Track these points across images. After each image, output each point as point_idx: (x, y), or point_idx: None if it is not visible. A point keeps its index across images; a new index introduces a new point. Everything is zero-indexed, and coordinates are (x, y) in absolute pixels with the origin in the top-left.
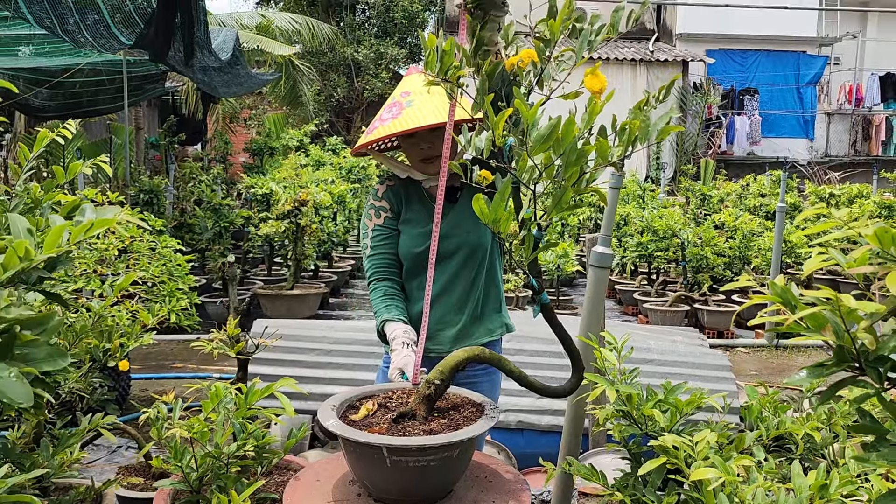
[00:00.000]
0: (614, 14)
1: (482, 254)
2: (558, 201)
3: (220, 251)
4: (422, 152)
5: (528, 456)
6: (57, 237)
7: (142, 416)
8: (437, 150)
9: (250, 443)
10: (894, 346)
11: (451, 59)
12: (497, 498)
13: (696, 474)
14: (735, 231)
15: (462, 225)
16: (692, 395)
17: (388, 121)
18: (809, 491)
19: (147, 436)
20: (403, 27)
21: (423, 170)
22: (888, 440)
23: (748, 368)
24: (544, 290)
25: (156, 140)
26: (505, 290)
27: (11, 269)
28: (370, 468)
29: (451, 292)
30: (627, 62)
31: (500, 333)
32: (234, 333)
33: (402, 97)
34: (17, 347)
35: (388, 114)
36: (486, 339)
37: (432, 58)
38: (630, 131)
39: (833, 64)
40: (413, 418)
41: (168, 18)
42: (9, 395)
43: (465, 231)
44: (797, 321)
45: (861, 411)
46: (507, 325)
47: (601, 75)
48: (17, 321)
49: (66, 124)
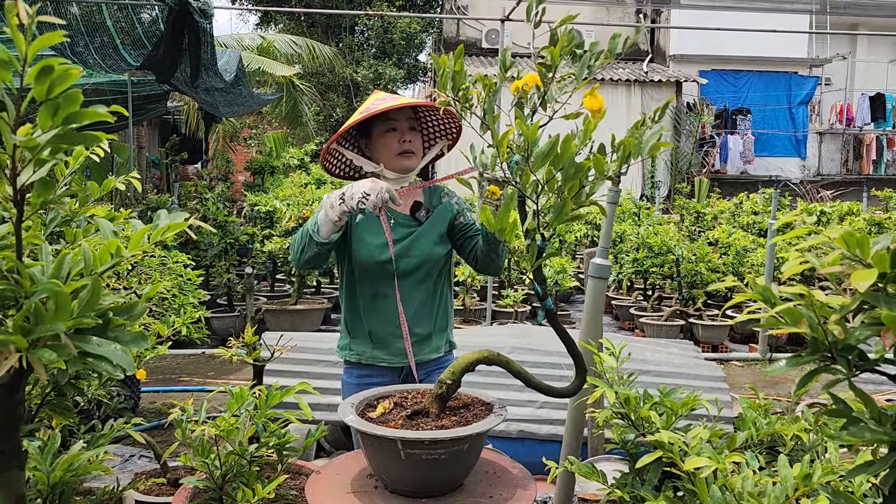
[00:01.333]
0: (612, 41)
1: (438, 271)
2: (559, 212)
3: (225, 267)
4: (401, 146)
5: (529, 465)
6: (140, 238)
7: (168, 419)
8: (415, 146)
9: (272, 441)
10: (859, 336)
11: (461, 79)
12: (505, 490)
13: (690, 463)
14: (729, 247)
15: (426, 241)
16: (687, 397)
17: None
18: (794, 481)
19: (162, 445)
20: (402, 48)
21: (399, 164)
22: (857, 419)
23: (742, 381)
24: (549, 296)
25: (156, 159)
26: (504, 305)
27: (105, 265)
28: (386, 461)
29: (409, 306)
30: (622, 83)
31: (446, 350)
32: (251, 341)
33: (376, 101)
34: (109, 331)
35: (372, 106)
36: (435, 356)
37: (444, 78)
38: (625, 148)
39: (824, 84)
40: (426, 416)
41: (176, 40)
42: (117, 361)
43: (428, 247)
44: (775, 315)
45: (834, 397)
46: (451, 343)
47: (599, 96)
48: (111, 308)
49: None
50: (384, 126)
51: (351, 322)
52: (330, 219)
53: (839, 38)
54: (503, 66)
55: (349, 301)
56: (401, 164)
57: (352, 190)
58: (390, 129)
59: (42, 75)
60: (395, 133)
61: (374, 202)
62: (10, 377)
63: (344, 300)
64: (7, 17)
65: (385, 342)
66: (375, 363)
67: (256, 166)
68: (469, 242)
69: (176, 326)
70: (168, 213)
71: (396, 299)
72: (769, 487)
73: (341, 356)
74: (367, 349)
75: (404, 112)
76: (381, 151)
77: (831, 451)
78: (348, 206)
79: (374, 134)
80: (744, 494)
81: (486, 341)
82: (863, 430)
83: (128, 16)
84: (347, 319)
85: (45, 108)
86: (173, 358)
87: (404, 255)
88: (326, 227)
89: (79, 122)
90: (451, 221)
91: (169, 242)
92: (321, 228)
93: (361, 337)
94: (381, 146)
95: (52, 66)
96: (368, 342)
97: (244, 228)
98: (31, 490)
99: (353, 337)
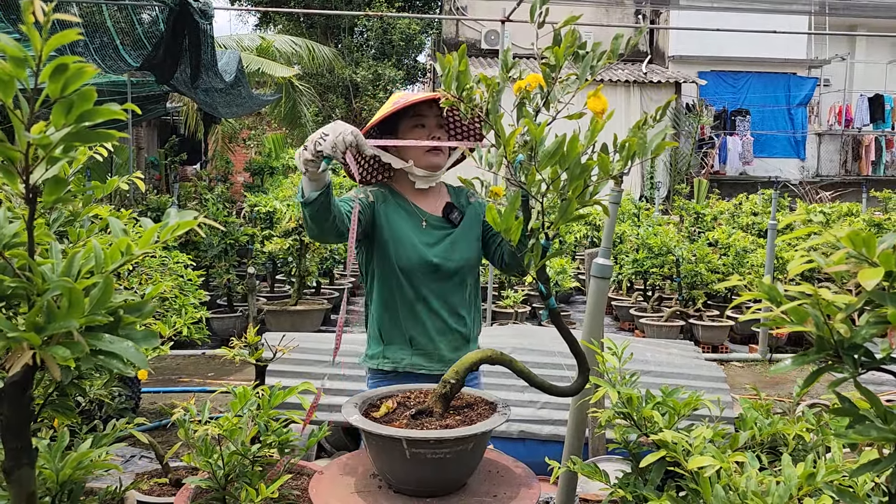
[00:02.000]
0: (614, 41)
1: (474, 274)
2: (564, 212)
3: (224, 268)
4: (432, 141)
5: (530, 465)
6: (150, 236)
7: (169, 419)
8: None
9: (274, 441)
10: (866, 335)
11: (466, 79)
12: (508, 489)
13: (694, 463)
14: (728, 248)
15: (465, 244)
16: (689, 397)
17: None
18: (798, 480)
19: (163, 445)
20: (401, 49)
21: (428, 161)
22: (863, 418)
23: (742, 382)
24: (552, 295)
25: (155, 159)
26: (504, 305)
27: (116, 262)
28: (390, 460)
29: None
30: (621, 84)
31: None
32: (253, 341)
33: (402, 98)
34: (120, 328)
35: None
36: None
37: (449, 77)
38: (629, 147)
39: (823, 85)
40: (430, 415)
41: (176, 41)
42: (130, 358)
43: (468, 251)
44: (782, 314)
45: (840, 396)
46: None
47: (603, 97)
48: (121, 306)
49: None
50: (412, 122)
51: (386, 329)
52: (300, 171)
53: (838, 40)
54: (504, 67)
55: (383, 307)
56: (430, 161)
57: (313, 136)
58: (418, 124)
59: (57, 73)
60: (423, 129)
61: (332, 142)
62: (21, 375)
63: (377, 306)
64: (23, 15)
65: (426, 349)
66: (414, 370)
67: (256, 167)
68: (495, 240)
69: (177, 327)
70: (177, 213)
71: (438, 303)
72: (773, 487)
73: (372, 365)
74: (405, 356)
75: (433, 108)
76: (410, 148)
77: (835, 451)
78: (309, 152)
79: (402, 130)
80: (748, 493)
81: (487, 342)
82: (869, 429)
83: (127, 16)
84: (381, 326)
85: (59, 105)
86: (173, 359)
87: (446, 257)
88: (304, 184)
89: (92, 119)
90: (483, 223)
91: (169, 243)
92: (303, 188)
93: (399, 343)
94: (412, 141)
95: (67, 63)
96: (408, 349)
97: (244, 229)
98: (40, 488)
99: (388, 344)
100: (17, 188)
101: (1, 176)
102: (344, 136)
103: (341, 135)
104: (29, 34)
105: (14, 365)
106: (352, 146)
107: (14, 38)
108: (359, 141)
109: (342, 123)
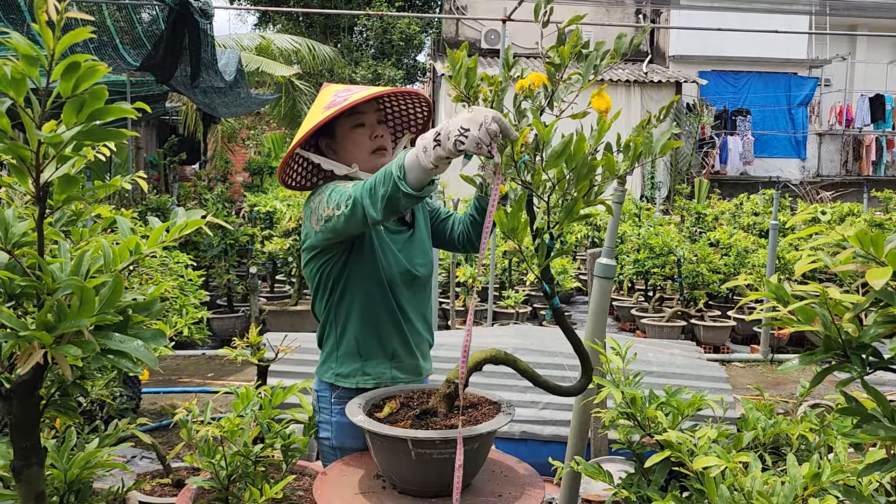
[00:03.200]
0: (617, 41)
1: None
2: (569, 211)
3: (225, 268)
4: (374, 142)
5: (532, 466)
6: (158, 235)
7: (173, 419)
8: (386, 140)
9: (277, 441)
10: (874, 334)
11: (474, 76)
12: (513, 489)
13: (699, 462)
14: (730, 248)
15: (426, 244)
16: (693, 397)
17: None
18: (803, 480)
19: (163, 446)
20: (401, 49)
21: (374, 163)
22: (871, 417)
23: (744, 382)
24: (556, 295)
25: (154, 159)
26: (505, 305)
27: (125, 261)
28: (396, 461)
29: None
30: (622, 83)
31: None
32: (256, 341)
33: (336, 95)
34: (129, 327)
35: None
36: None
37: (459, 74)
38: (635, 147)
39: (823, 85)
40: (434, 415)
41: (176, 40)
42: (140, 357)
43: (430, 251)
44: (789, 314)
45: (846, 396)
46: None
47: (606, 96)
48: (130, 305)
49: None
50: (350, 121)
51: (366, 344)
52: (422, 165)
53: (839, 39)
54: (506, 66)
55: (362, 322)
56: (376, 164)
57: (448, 127)
58: (357, 124)
59: (69, 72)
60: (363, 129)
61: (477, 139)
62: (31, 374)
63: (355, 321)
64: (36, 14)
65: (404, 361)
66: (392, 384)
67: (255, 167)
68: (445, 225)
69: (178, 327)
70: (184, 212)
71: (413, 313)
72: (778, 486)
73: (347, 384)
74: (386, 370)
75: (371, 104)
76: (352, 151)
77: (840, 451)
78: (445, 148)
79: (340, 132)
80: (753, 493)
81: (488, 342)
82: (877, 428)
83: (127, 16)
84: (359, 342)
85: (70, 103)
86: (173, 359)
87: (415, 263)
88: (416, 173)
89: (103, 118)
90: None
91: (171, 243)
92: (408, 173)
93: (379, 357)
94: (351, 145)
95: (79, 62)
96: (388, 363)
97: (244, 229)
98: (47, 487)
99: (367, 359)
100: (28, 187)
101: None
102: (488, 128)
103: (483, 126)
104: (42, 33)
105: (25, 364)
106: (497, 137)
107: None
108: (503, 126)
109: (481, 110)
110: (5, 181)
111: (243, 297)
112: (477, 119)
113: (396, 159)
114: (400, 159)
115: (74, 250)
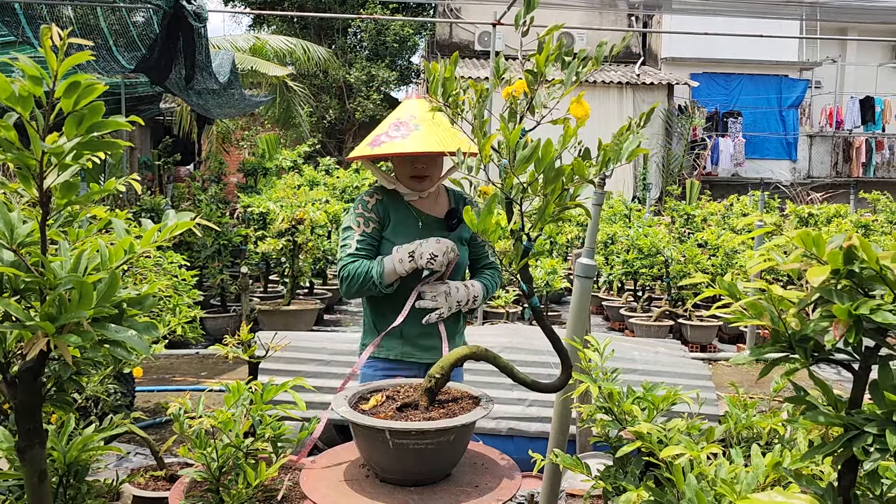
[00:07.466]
0: (598, 48)
1: (461, 275)
2: (542, 213)
3: (218, 268)
4: (415, 170)
5: (519, 462)
6: (151, 235)
7: (164, 417)
8: (428, 170)
9: (268, 433)
10: (814, 328)
11: (452, 86)
12: (491, 480)
13: (666, 452)
14: (717, 249)
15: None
16: (667, 392)
17: (398, 139)
18: (765, 468)
19: (158, 443)
20: (395, 50)
21: (411, 186)
22: (813, 405)
23: (729, 380)
24: (534, 294)
25: (148, 160)
26: (495, 305)
27: (120, 259)
28: (375, 450)
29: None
30: (614, 85)
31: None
32: (247, 339)
33: (410, 119)
34: (124, 320)
35: (395, 132)
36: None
37: (435, 85)
38: (605, 153)
39: (814, 87)
40: (416, 408)
41: (171, 42)
42: (135, 346)
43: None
44: (741, 308)
45: (794, 385)
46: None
47: (585, 103)
48: (125, 299)
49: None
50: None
51: (380, 323)
52: (397, 271)
53: (829, 42)
54: (497, 72)
55: (376, 304)
56: (413, 187)
57: (420, 249)
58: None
59: (70, 90)
60: (411, 159)
61: (442, 262)
62: (34, 361)
63: (371, 303)
64: (41, 40)
65: (417, 341)
66: (404, 359)
67: (249, 168)
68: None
69: (171, 326)
70: (175, 214)
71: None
72: (742, 475)
73: (375, 353)
74: (397, 345)
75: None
76: (396, 169)
77: (801, 441)
78: (418, 264)
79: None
80: (717, 481)
81: (477, 341)
82: (817, 415)
83: (121, 18)
84: (375, 321)
85: (71, 118)
86: (167, 358)
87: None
88: (392, 278)
89: (101, 131)
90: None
91: (165, 243)
92: (386, 279)
93: (392, 336)
94: (396, 164)
95: (79, 81)
96: (399, 340)
97: (238, 230)
98: (48, 468)
99: (381, 334)
100: (32, 192)
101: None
102: (449, 256)
103: (445, 255)
104: (46, 56)
105: (31, 351)
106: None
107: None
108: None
109: (442, 242)
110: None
111: (236, 296)
112: (442, 249)
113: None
114: (380, 267)
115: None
